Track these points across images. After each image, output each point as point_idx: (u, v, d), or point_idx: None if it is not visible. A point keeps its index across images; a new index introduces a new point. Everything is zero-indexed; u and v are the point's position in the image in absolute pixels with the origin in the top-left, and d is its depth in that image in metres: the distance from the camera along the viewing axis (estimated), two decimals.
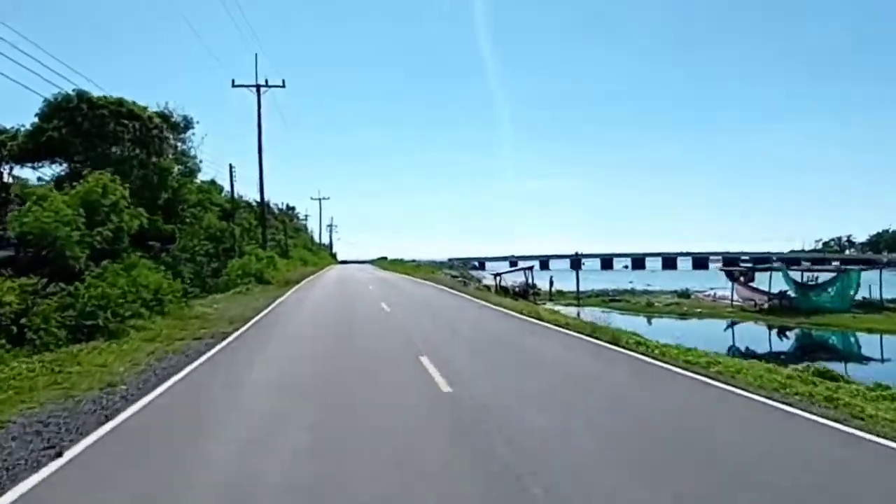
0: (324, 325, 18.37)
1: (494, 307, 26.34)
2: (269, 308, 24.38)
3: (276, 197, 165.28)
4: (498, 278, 48.19)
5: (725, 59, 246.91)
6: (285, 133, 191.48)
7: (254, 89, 51.31)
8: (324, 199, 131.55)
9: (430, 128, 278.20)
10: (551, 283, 47.92)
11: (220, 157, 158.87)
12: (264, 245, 51.48)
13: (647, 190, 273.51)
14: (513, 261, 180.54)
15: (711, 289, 46.29)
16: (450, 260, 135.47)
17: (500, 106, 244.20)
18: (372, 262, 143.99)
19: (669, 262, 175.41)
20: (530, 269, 48.68)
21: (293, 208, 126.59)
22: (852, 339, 30.20)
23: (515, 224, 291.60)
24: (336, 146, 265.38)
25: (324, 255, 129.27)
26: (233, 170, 46.47)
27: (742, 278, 38.78)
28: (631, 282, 61.40)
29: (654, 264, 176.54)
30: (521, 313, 23.60)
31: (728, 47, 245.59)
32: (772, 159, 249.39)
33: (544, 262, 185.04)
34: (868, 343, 29.26)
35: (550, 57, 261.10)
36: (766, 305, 35.20)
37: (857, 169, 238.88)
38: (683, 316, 35.15)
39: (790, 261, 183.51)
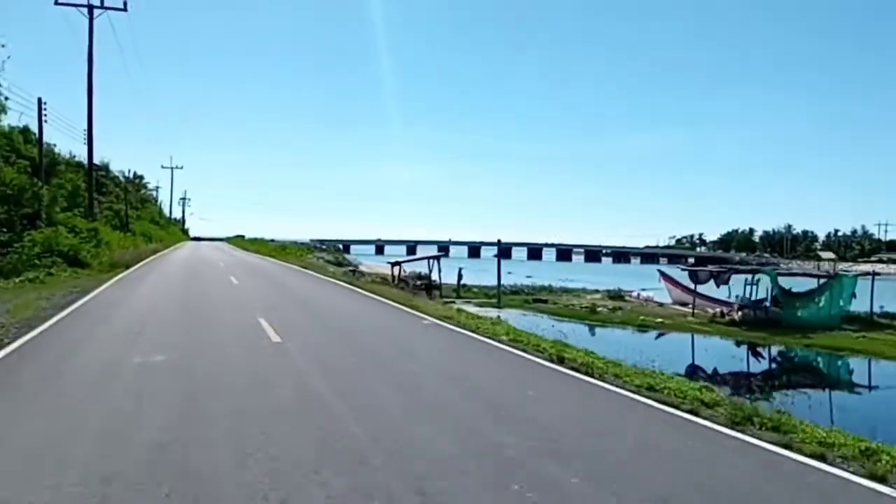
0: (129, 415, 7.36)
1: (413, 313, 17.70)
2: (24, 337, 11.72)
3: (122, 163, 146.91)
4: (398, 269, 39.03)
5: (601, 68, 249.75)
6: (132, 86, 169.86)
7: (85, 10, 38.95)
8: (177, 167, 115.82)
9: (298, 104, 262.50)
10: (460, 277, 39.31)
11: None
12: (90, 214, 39.19)
13: (515, 182, 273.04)
14: (379, 245, 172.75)
15: (643, 290, 39.69)
16: (311, 241, 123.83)
17: (374, 91, 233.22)
18: (228, 239, 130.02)
19: (535, 252, 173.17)
20: (437, 258, 40.12)
21: (141, 177, 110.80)
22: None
23: (379, 209, 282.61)
24: (194, 110, 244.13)
25: (174, 230, 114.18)
26: (43, 106, 33.78)
27: (714, 280, 32.07)
28: (530, 276, 53.89)
29: (520, 254, 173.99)
30: (446, 320, 17.37)
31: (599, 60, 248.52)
32: (636, 161, 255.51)
33: (412, 247, 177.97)
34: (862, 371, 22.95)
35: (432, 45, 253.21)
36: (736, 316, 28.50)
37: (710, 173, 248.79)
38: (643, 327, 27.64)
39: (646, 255, 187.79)
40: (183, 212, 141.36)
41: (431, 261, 38.90)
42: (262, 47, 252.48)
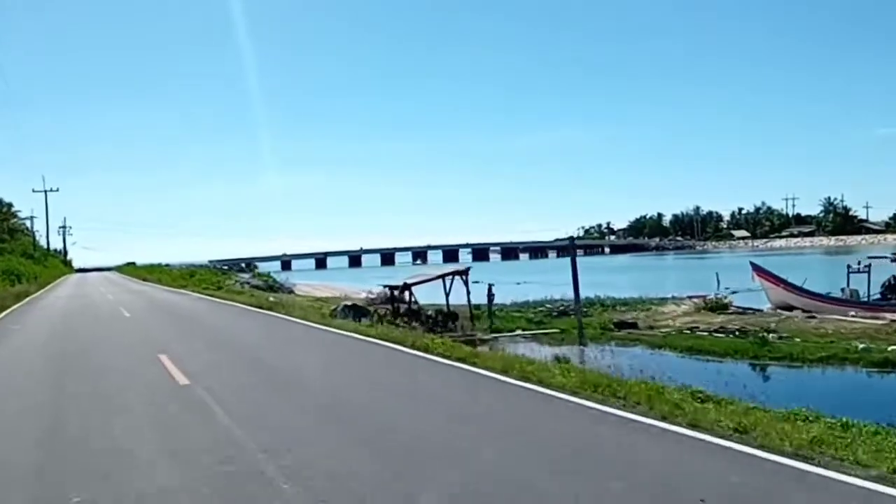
0: None
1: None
2: None
3: None
4: (406, 295, 26.86)
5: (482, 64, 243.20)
6: None
7: None
8: (51, 190, 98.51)
9: (172, 114, 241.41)
10: (491, 298, 27.28)
11: None
12: None
13: (412, 185, 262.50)
14: (285, 260, 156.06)
15: (728, 290, 29.98)
16: (211, 262, 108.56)
17: (254, 101, 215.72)
18: (118, 269, 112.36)
19: (451, 254, 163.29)
20: (461, 274, 26.19)
21: (10, 204, 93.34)
22: None
23: (268, 221, 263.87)
24: (69, 126, 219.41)
25: (54, 262, 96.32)
26: None
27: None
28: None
29: (435, 257, 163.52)
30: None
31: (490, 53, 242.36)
32: (535, 159, 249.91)
33: (320, 260, 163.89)
34: None
35: (307, 46, 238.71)
36: None
37: (613, 163, 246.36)
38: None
39: (561, 248, 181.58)
40: (64, 242, 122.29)
41: (451, 279, 26.56)
42: (128, 56, 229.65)
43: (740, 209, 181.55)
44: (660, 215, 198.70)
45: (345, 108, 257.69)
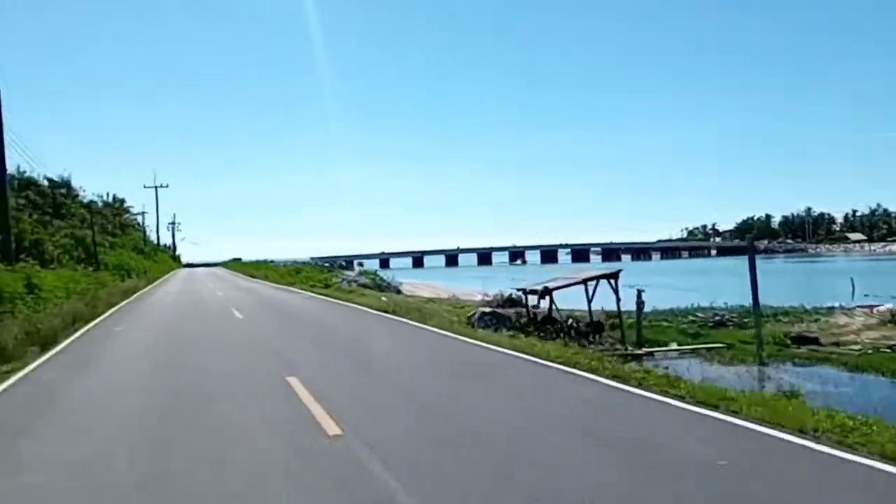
0: None
1: None
2: None
3: (96, 185, 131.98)
4: (541, 300, 23.02)
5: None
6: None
7: None
8: (161, 186, 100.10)
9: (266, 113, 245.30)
10: (640, 307, 22.14)
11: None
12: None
13: (492, 185, 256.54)
14: (384, 258, 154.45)
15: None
16: (312, 259, 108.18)
17: (334, 95, 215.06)
18: (224, 264, 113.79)
19: (549, 254, 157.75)
20: (609, 278, 22.07)
21: (122, 200, 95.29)
22: None
23: (365, 220, 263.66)
24: (170, 127, 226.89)
25: (163, 257, 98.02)
26: None
27: None
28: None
29: (533, 257, 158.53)
30: None
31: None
32: (642, 157, 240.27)
33: (418, 258, 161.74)
34: None
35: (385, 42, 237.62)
36: None
37: (718, 163, 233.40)
38: None
39: (665, 249, 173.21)
40: (173, 237, 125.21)
41: (594, 284, 22.52)
42: (212, 66, 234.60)
43: (854, 211, 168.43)
44: (768, 217, 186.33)
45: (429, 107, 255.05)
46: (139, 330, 18.55)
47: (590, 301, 22.24)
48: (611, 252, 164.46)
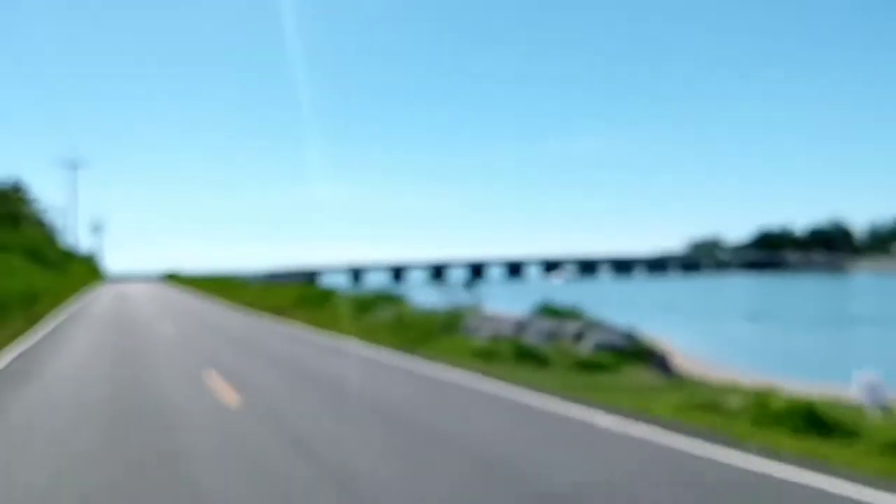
0: None
1: None
2: None
3: None
4: None
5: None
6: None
7: None
8: (79, 167, 71.12)
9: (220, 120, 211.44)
10: None
11: None
12: None
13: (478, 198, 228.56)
14: (356, 270, 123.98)
15: None
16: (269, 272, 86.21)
17: (302, 108, 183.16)
18: (167, 277, 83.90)
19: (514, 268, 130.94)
20: None
21: (16, 183, 67.31)
22: None
23: (330, 227, 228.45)
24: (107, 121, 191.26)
25: (79, 268, 68.54)
26: None
27: None
28: None
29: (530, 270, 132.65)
30: None
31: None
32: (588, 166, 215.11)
33: (397, 271, 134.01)
34: None
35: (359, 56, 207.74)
36: None
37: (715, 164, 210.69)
38: None
39: (685, 263, 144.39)
40: (99, 241, 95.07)
41: None
42: (169, 59, 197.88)
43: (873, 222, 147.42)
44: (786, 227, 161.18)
45: (399, 120, 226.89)
46: None
47: None
48: (624, 264, 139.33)
